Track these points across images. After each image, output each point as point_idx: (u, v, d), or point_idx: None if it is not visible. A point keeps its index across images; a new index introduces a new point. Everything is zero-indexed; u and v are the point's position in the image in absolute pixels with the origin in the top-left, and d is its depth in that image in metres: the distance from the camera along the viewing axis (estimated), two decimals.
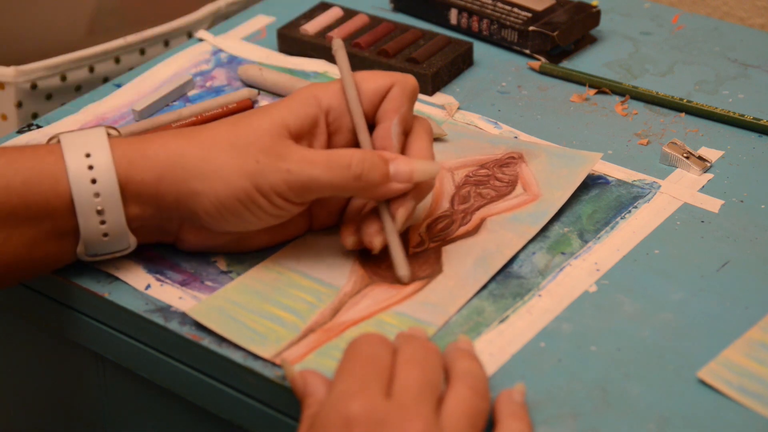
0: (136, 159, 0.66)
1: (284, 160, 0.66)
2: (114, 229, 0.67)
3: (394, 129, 0.69)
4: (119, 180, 0.66)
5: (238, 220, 0.67)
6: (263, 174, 0.65)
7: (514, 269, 0.71)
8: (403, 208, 0.68)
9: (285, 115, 0.67)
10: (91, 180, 0.66)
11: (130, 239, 0.68)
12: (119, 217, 0.67)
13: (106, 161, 0.66)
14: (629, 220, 0.74)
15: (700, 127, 0.83)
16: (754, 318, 0.67)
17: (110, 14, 1.07)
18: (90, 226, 0.67)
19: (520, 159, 0.78)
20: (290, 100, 0.68)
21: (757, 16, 1.06)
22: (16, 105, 0.96)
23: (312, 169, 0.66)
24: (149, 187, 0.66)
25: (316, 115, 0.68)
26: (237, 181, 0.65)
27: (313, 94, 0.69)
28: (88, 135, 0.67)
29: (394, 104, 0.69)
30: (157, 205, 0.67)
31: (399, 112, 0.69)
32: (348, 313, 0.67)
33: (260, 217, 0.67)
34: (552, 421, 0.61)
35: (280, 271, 0.70)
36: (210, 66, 0.92)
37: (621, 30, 0.95)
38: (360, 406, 0.56)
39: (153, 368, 0.71)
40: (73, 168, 0.66)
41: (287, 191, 0.66)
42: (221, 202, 0.66)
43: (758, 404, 0.61)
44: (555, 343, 0.66)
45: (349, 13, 0.94)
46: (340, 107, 0.69)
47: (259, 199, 0.66)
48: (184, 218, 0.69)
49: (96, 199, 0.66)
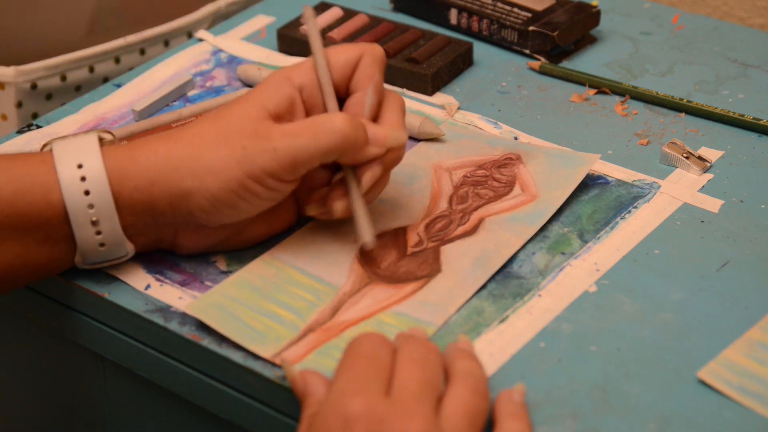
0: (128, 166, 0.66)
1: (269, 140, 0.66)
2: (110, 239, 0.67)
3: (368, 98, 0.70)
4: (112, 189, 0.66)
5: (234, 211, 0.67)
6: (251, 159, 0.66)
7: (514, 269, 0.71)
8: (370, 171, 0.69)
9: (262, 99, 0.68)
10: (85, 191, 0.66)
11: (127, 246, 0.68)
12: (114, 226, 0.67)
13: (99, 171, 0.66)
14: (629, 220, 0.74)
15: (700, 127, 0.83)
16: (754, 318, 0.67)
17: (110, 14, 1.07)
18: (86, 236, 0.67)
19: (517, 160, 0.79)
20: (264, 85, 0.69)
21: (757, 16, 1.06)
22: (16, 105, 0.96)
23: (297, 140, 0.66)
24: (143, 193, 0.66)
25: (291, 94, 0.69)
26: (228, 172, 0.66)
27: (284, 75, 0.70)
28: (79, 142, 0.67)
29: (367, 73, 0.70)
30: (152, 211, 0.67)
31: (372, 81, 0.70)
32: (347, 312, 0.68)
33: (254, 204, 0.67)
34: (552, 421, 0.61)
35: (279, 266, 0.71)
36: (210, 66, 0.92)
37: (621, 30, 0.95)
38: (359, 405, 0.56)
39: (153, 368, 0.71)
40: (66, 179, 0.66)
41: (278, 169, 0.66)
42: (215, 196, 0.66)
43: (758, 404, 0.61)
44: (555, 343, 0.66)
45: (349, 13, 0.94)
46: (312, 83, 0.70)
47: (252, 185, 0.66)
48: (179, 223, 0.68)
49: (90, 210, 0.66)
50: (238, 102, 0.68)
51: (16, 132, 0.84)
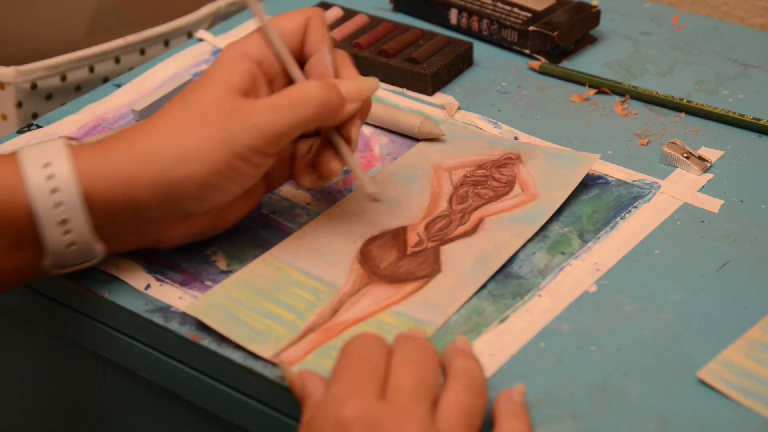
0: (100, 165, 0.65)
1: (249, 117, 0.66)
2: (80, 238, 0.65)
3: (326, 57, 0.70)
4: (84, 189, 0.64)
5: (221, 194, 0.67)
6: (235, 138, 0.66)
7: (514, 269, 0.71)
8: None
9: (227, 77, 0.68)
10: (51, 190, 0.64)
11: (98, 248, 0.67)
12: (84, 226, 0.65)
13: (66, 169, 0.64)
14: (629, 220, 0.74)
15: (700, 127, 0.83)
16: (754, 318, 0.67)
17: (110, 14, 1.07)
18: (54, 236, 0.65)
19: (517, 160, 0.79)
20: (223, 62, 0.69)
21: (757, 16, 1.06)
22: (16, 105, 0.96)
23: (277, 113, 0.66)
24: (120, 191, 0.65)
25: (252, 69, 0.69)
26: (214, 155, 0.65)
27: (239, 51, 0.69)
28: (46, 145, 0.65)
29: (318, 35, 0.71)
30: (134, 208, 0.66)
31: (324, 41, 0.70)
32: (347, 312, 0.68)
33: (240, 183, 0.68)
34: (552, 421, 0.61)
35: (279, 267, 0.71)
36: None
37: (621, 30, 0.95)
38: (354, 408, 0.56)
39: (153, 368, 0.70)
40: (32, 178, 0.64)
41: (263, 144, 0.66)
42: (204, 182, 0.66)
43: (758, 404, 0.61)
44: (555, 343, 0.66)
45: (349, 13, 0.94)
46: (269, 56, 0.70)
47: (238, 164, 0.66)
48: (166, 215, 0.68)
49: (57, 209, 0.64)
50: (203, 84, 0.68)
51: (16, 132, 0.84)
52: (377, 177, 0.78)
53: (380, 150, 0.81)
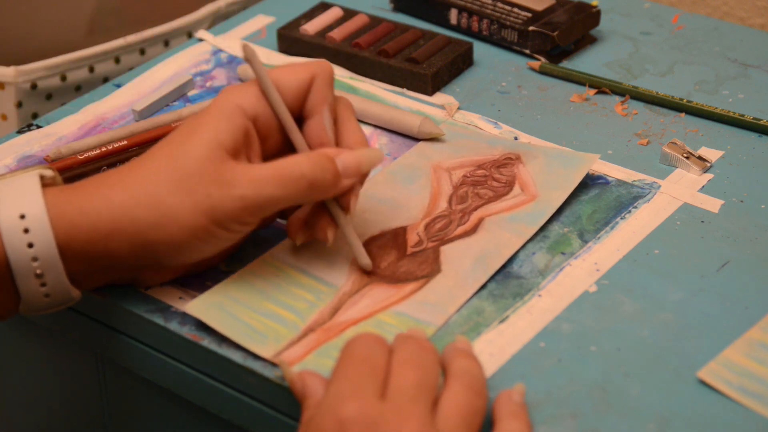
0: (76, 218, 0.63)
1: (235, 187, 0.64)
2: (55, 289, 0.64)
3: (326, 121, 0.68)
4: (59, 240, 0.63)
5: (197, 253, 0.66)
6: (218, 207, 0.64)
7: (514, 269, 0.71)
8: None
9: (217, 134, 0.65)
10: (28, 244, 0.63)
11: (73, 294, 0.65)
12: (59, 277, 0.64)
13: (42, 222, 0.62)
14: (629, 220, 0.74)
15: (700, 127, 0.83)
16: (754, 318, 0.67)
17: (110, 14, 1.07)
18: (30, 288, 0.64)
19: (517, 160, 0.79)
20: (216, 116, 0.66)
21: (757, 16, 1.06)
22: (16, 105, 0.97)
23: (265, 188, 0.64)
24: (97, 245, 0.64)
25: (245, 126, 0.66)
26: (193, 221, 0.64)
27: (235, 105, 0.66)
28: (21, 188, 0.63)
29: (320, 96, 0.68)
30: (108, 259, 0.65)
31: (326, 103, 0.68)
32: (347, 312, 0.68)
33: (218, 245, 0.66)
34: (552, 421, 0.61)
35: (279, 267, 0.71)
36: (210, 66, 0.92)
37: (621, 30, 0.95)
38: (354, 408, 0.56)
39: (153, 368, 0.70)
40: (8, 230, 0.62)
41: (245, 216, 0.65)
42: (179, 244, 0.64)
43: (758, 404, 0.61)
44: (555, 343, 0.66)
45: (349, 13, 0.94)
46: (265, 112, 0.67)
47: (217, 231, 0.64)
48: (139, 266, 0.67)
49: (34, 263, 0.63)
50: (193, 138, 0.65)
51: (16, 132, 0.84)
52: (377, 177, 0.78)
53: (380, 150, 0.81)
